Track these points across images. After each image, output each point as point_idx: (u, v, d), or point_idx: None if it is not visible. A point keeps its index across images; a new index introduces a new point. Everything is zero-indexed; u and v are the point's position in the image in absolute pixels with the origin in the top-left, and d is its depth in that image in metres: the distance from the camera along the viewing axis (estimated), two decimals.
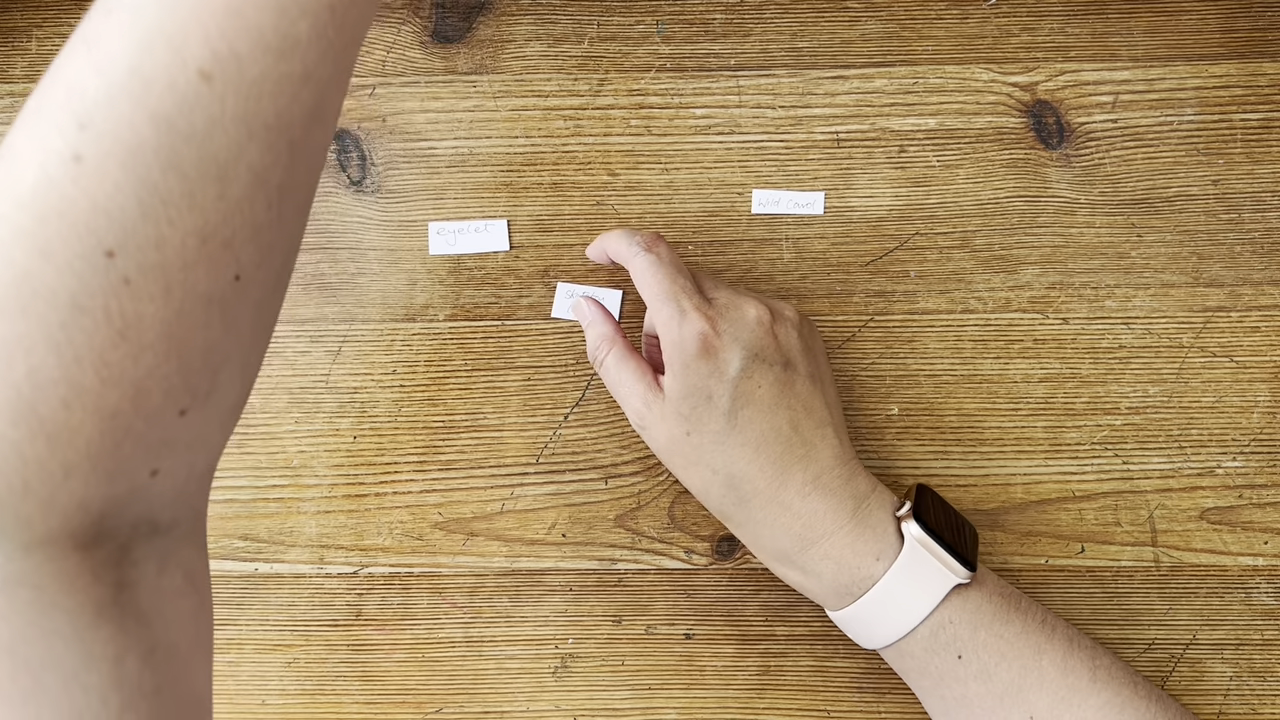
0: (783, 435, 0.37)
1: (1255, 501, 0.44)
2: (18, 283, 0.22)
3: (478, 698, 0.44)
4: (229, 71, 0.22)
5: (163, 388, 0.23)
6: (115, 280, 0.22)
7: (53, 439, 0.22)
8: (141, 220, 0.22)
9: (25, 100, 0.48)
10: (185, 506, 0.27)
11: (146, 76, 0.22)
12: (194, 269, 0.23)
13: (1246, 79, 0.47)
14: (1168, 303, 0.46)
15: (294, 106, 0.23)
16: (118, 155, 0.22)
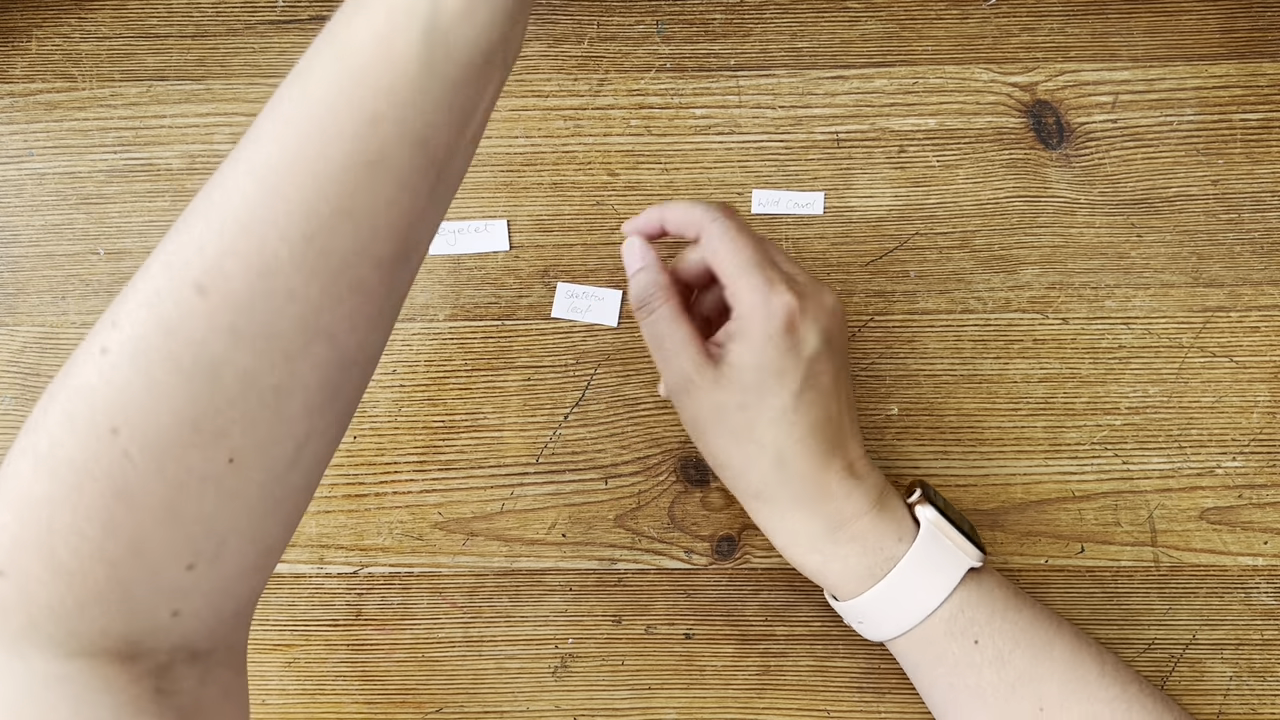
0: (833, 422, 0.38)
1: (1255, 501, 0.44)
2: (51, 449, 0.27)
3: (477, 698, 0.44)
4: (220, 287, 0.27)
5: (163, 546, 0.27)
6: (117, 453, 0.26)
7: (69, 578, 0.27)
8: (143, 406, 0.27)
9: (24, 100, 0.48)
10: (221, 639, 0.31)
11: (158, 288, 0.27)
12: (188, 451, 0.27)
13: (1246, 79, 0.47)
14: (1167, 303, 0.46)
15: (280, 320, 0.27)
16: (130, 351, 0.27)
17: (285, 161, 0.27)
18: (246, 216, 0.27)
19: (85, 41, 0.49)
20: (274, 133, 0.28)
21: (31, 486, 0.27)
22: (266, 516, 0.30)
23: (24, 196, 0.48)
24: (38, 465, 0.27)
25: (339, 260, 0.27)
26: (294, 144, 0.27)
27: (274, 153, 0.27)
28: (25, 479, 0.27)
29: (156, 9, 0.49)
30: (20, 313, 0.47)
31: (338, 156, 0.27)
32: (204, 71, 0.49)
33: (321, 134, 0.27)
